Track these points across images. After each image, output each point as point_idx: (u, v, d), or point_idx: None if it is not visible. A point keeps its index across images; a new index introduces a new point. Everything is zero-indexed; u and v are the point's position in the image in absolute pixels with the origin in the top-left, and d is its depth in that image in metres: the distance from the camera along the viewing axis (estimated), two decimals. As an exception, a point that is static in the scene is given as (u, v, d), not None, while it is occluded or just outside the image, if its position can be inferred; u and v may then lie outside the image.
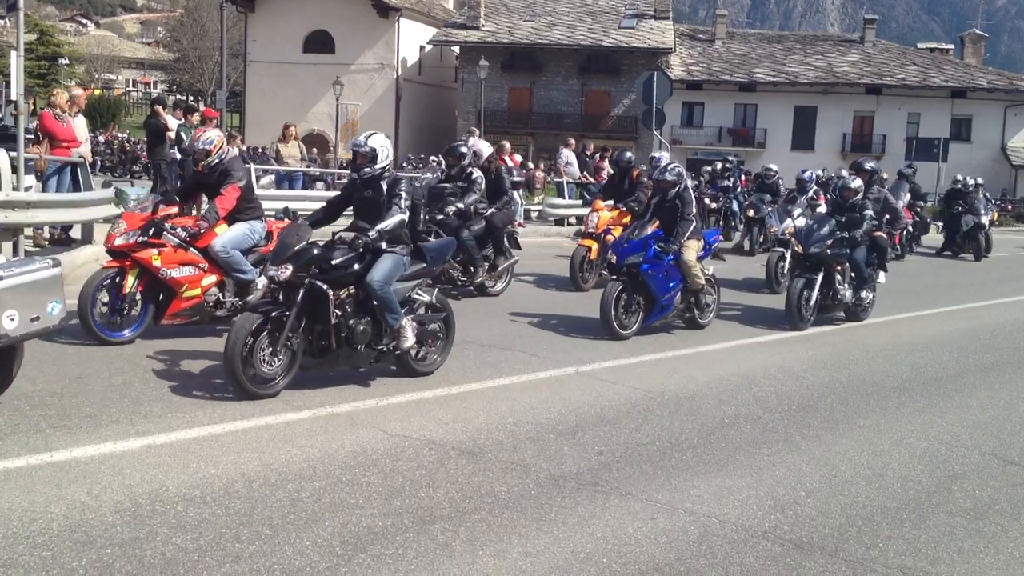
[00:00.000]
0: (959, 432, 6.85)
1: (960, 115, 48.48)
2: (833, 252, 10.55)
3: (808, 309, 10.47)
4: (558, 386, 7.38)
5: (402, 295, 6.97)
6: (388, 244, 6.77)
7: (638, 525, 4.68)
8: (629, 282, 9.30)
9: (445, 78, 53.87)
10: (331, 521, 4.46)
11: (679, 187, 9.83)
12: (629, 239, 9.47)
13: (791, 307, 10.33)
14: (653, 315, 9.48)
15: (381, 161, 6.93)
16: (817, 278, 10.51)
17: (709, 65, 50.68)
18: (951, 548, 4.70)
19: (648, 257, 9.29)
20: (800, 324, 10.40)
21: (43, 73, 61.81)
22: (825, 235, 10.52)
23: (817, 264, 10.56)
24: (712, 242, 10.72)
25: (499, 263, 11.58)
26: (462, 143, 12.22)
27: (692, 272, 9.59)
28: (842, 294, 10.77)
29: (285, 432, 5.72)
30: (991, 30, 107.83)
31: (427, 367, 7.32)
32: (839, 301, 10.83)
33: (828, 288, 10.68)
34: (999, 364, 9.57)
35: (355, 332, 6.59)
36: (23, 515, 4.28)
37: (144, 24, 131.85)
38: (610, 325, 9.13)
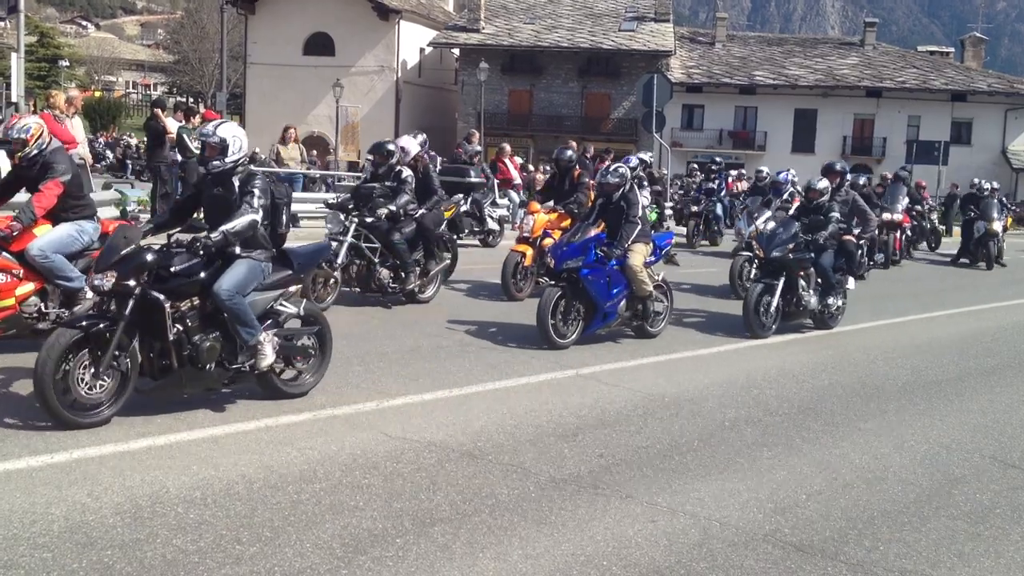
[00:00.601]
0: (960, 435, 6.85)
1: (960, 118, 48.48)
2: (795, 257, 10.09)
3: (768, 316, 10.00)
4: (558, 389, 7.38)
5: (262, 306, 6.21)
6: (243, 248, 6.03)
7: (638, 528, 4.67)
8: (569, 288, 8.74)
9: (445, 80, 53.86)
10: (331, 523, 4.46)
11: (624, 188, 9.32)
12: (569, 242, 8.95)
13: (748, 313, 9.88)
14: (595, 323, 8.94)
15: (233, 153, 6.10)
16: (778, 284, 10.04)
17: (709, 68, 50.69)
18: (951, 551, 4.70)
19: (588, 261, 8.77)
20: (760, 331, 9.92)
21: (43, 75, 61.83)
22: (786, 239, 10.09)
23: (779, 269, 10.11)
24: (663, 246, 10.16)
25: (430, 267, 10.74)
26: (389, 141, 11.41)
27: (638, 278, 9.07)
28: (806, 300, 10.27)
29: (285, 434, 5.72)
30: (991, 33, 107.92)
31: (298, 388, 6.50)
32: (803, 308, 10.32)
33: (791, 294, 10.20)
34: (1000, 367, 9.57)
35: (200, 349, 5.80)
36: (24, 516, 4.28)
37: (144, 26, 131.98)
38: (547, 333, 8.59)
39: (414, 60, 52.26)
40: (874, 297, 13.74)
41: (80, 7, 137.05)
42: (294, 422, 5.97)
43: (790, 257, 10.05)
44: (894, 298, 13.30)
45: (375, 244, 10.16)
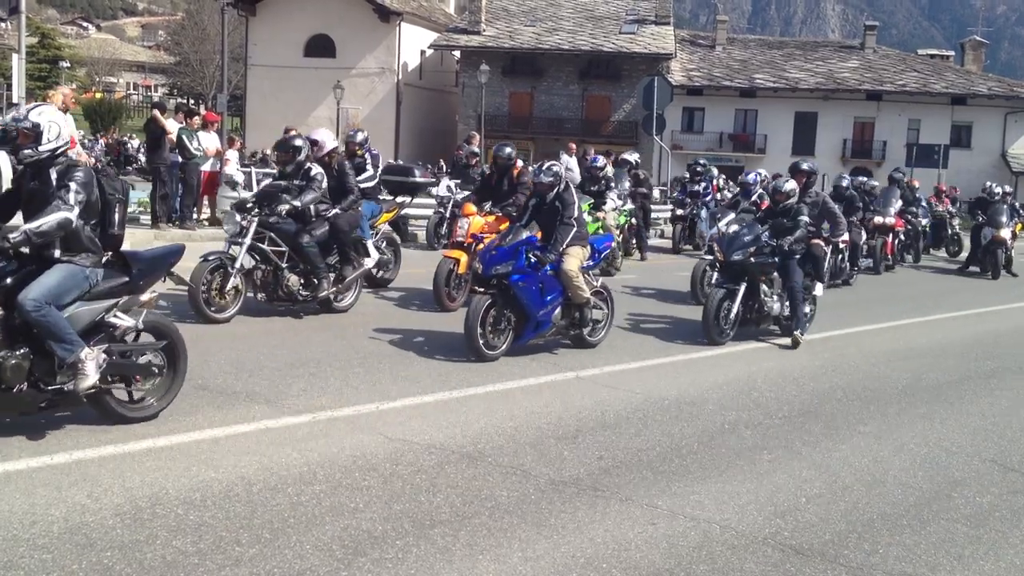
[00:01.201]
0: (960, 438, 6.85)
1: (960, 122, 48.53)
2: (758, 261, 9.62)
3: (728, 322, 9.57)
4: (558, 391, 7.38)
5: (89, 318, 5.45)
6: (65, 252, 5.33)
7: (638, 530, 4.67)
8: (499, 296, 8.15)
9: (446, 83, 53.90)
10: (331, 525, 4.46)
11: (558, 188, 8.65)
12: (499, 246, 8.32)
13: (707, 319, 9.43)
14: (526, 333, 8.35)
15: (48, 141, 5.37)
16: (739, 289, 9.59)
17: (710, 71, 50.73)
18: (951, 554, 4.70)
19: (519, 267, 8.16)
20: (718, 339, 9.51)
21: (44, 76, 61.84)
22: (748, 242, 9.64)
23: (740, 273, 9.64)
24: (602, 249, 9.47)
25: (346, 273, 9.80)
26: (297, 135, 10.50)
27: (573, 284, 8.46)
28: (769, 307, 9.80)
29: (285, 436, 5.72)
30: (991, 37, 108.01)
31: (141, 412, 5.76)
32: (766, 314, 9.87)
33: (753, 300, 9.76)
34: (999, 371, 9.57)
35: (2, 368, 5.06)
36: (23, 517, 4.28)
37: (145, 27, 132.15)
38: (475, 345, 7.98)
39: (415, 62, 52.32)
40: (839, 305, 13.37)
41: (81, 8, 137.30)
42: (294, 424, 5.97)
43: (751, 261, 9.60)
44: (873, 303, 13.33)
45: (282, 247, 9.27)
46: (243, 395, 6.47)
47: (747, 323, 9.84)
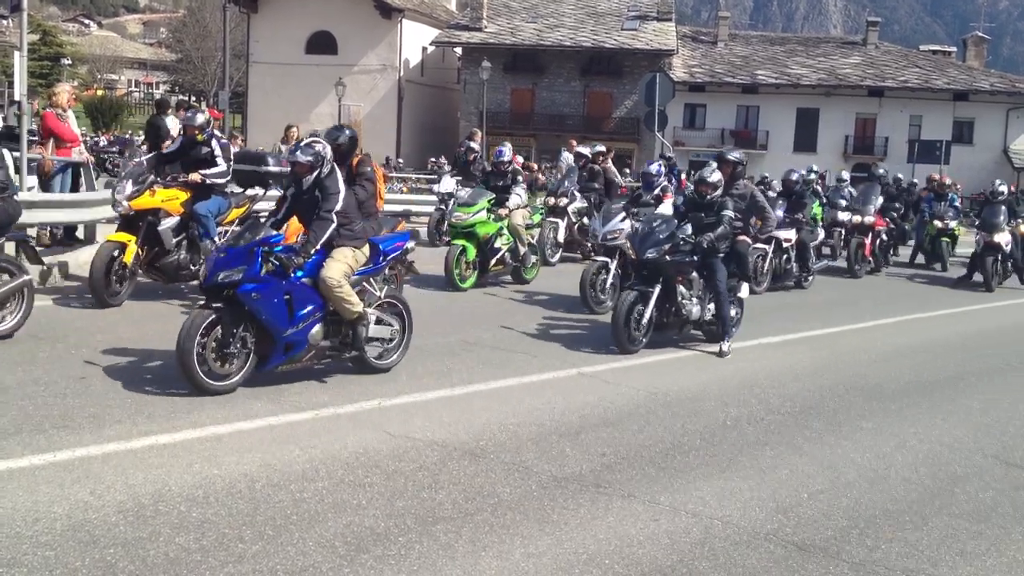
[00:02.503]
0: (962, 434, 6.85)
1: (962, 118, 48.45)
2: (674, 259, 8.74)
3: (640, 328, 8.67)
4: (561, 387, 7.38)
5: None
6: None
7: (640, 527, 4.68)
8: (226, 309, 6.40)
9: (447, 79, 53.87)
10: (334, 522, 4.46)
11: (319, 172, 6.90)
12: (229, 247, 6.59)
13: (618, 325, 8.51)
14: (274, 357, 6.61)
15: None
16: (653, 291, 8.68)
17: (711, 67, 50.66)
18: (953, 550, 4.70)
19: (252, 273, 6.41)
20: (628, 346, 8.59)
21: (46, 73, 61.83)
22: (663, 239, 8.74)
23: (655, 273, 8.76)
24: (390, 251, 7.63)
25: None
26: None
27: (335, 294, 6.73)
28: (688, 310, 8.89)
29: (288, 432, 5.73)
30: (993, 32, 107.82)
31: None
32: (684, 319, 8.99)
33: (669, 303, 8.86)
34: (1001, 367, 9.56)
35: None
36: (26, 515, 4.29)
37: (147, 24, 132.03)
38: (189, 372, 6.22)
39: (416, 59, 52.31)
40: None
41: (82, 5, 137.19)
42: (296, 420, 5.98)
43: (667, 259, 8.71)
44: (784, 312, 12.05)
45: None
46: (245, 392, 6.46)
47: (664, 328, 9.01)
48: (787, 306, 12.83)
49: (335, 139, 8.34)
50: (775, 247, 13.82)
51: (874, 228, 17.05)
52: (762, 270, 13.66)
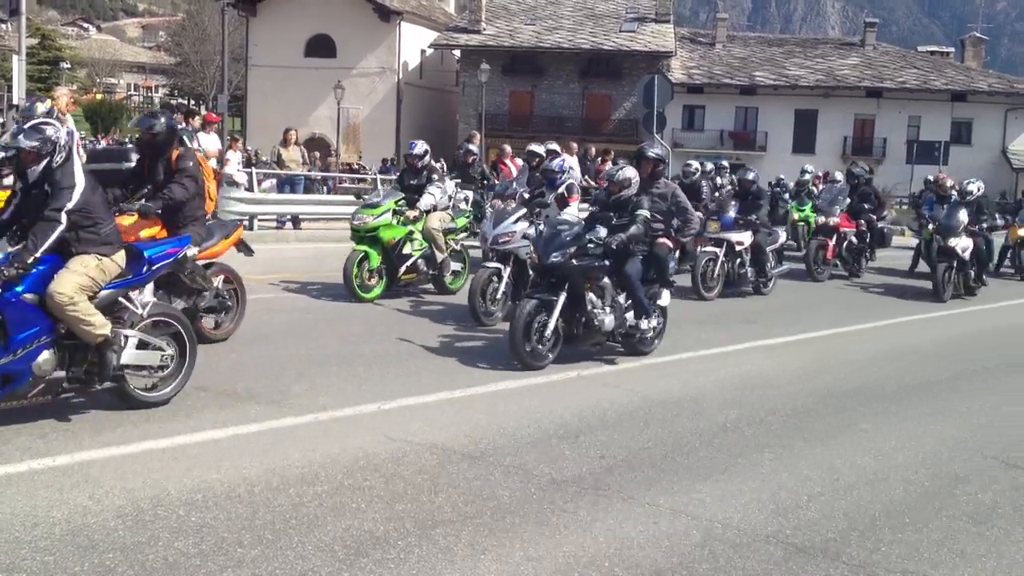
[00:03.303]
0: (962, 435, 6.84)
1: (961, 118, 48.49)
2: (582, 263, 7.85)
3: (545, 341, 7.78)
4: (560, 390, 7.38)
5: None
6: None
7: (640, 529, 4.67)
8: None
9: (446, 82, 53.90)
10: (333, 525, 4.46)
11: (52, 159, 5.55)
12: None
13: (515, 338, 7.60)
14: None
15: None
16: (557, 299, 7.78)
17: (710, 68, 50.70)
18: (953, 551, 4.70)
19: None
20: (531, 361, 7.70)
21: (44, 77, 61.86)
22: (568, 241, 7.88)
23: (560, 280, 7.90)
24: (157, 259, 6.23)
25: None
26: None
27: (67, 314, 5.45)
28: (600, 320, 7.97)
29: (287, 436, 5.72)
30: (991, 33, 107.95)
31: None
32: (596, 329, 8.05)
33: (578, 312, 7.96)
34: (1002, 367, 9.56)
35: None
36: (25, 519, 4.28)
37: (146, 28, 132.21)
38: None
39: (415, 61, 52.34)
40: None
41: (81, 9, 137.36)
42: (295, 424, 5.97)
43: (573, 264, 7.82)
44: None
45: None
46: (244, 396, 6.47)
47: (575, 341, 8.16)
48: (725, 314, 11.61)
49: (149, 127, 7.65)
50: (727, 251, 13.02)
51: (838, 230, 15.88)
52: (712, 275, 12.86)
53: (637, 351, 8.59)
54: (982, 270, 15.11)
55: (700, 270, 12.67)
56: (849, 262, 16.37)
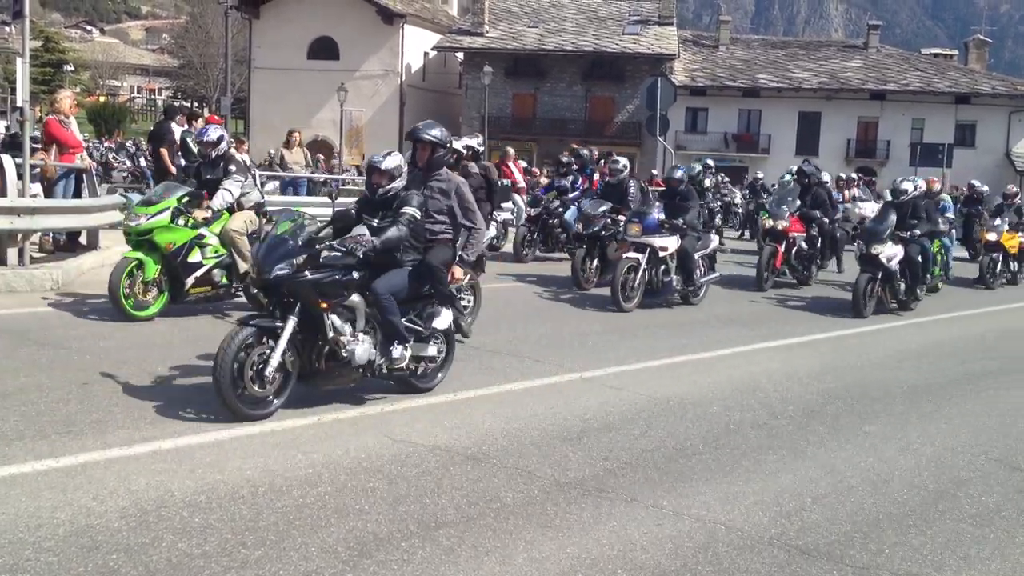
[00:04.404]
0: (965, 438, 6.83)
1: (964, 121, 48.48)
2: (316, 277, 6.08)
3: (268, 382, 5.99)
4: (563, 392, 7.38)
5: None
6: None
7: (643, 531, 4.67)
8: None
9: (449, 84, 53.96)
10: (336, 527, 4.46)
11: None
12: None
13: (220, 379, 5.79)
14: None
15: None
16: (285, 325, 6.00)
17: (713, 71, 50.71)
18: (957, 554, 4.69)
19: None
20: (245, 409, 5.92)
21: (48, 79, 62.02)
22: (296, 248, 6.10)
23: (291, 300, 6.10)
24: None
25: None
26: None
27: None
28: (349, 350, 6.26)
29: (290, 438, 5.72)
30: (995, 36, 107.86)
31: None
32: (345, 362, 6.31)
33: (322, 340, 6.23)
34: (1005, 370, 9.55)
35: None
36: (29, 520, 4.29)
37: (149, 31, 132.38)
38: None
39: (418, 64, 52.40)
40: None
41: (85, 12, 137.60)
42: (299, 426, 5.98)
43: (302, 278, 6.03)
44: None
45: None
46: (248, 397, 6.45)
47: (314, 378, 6.39)
48: (626, 328, 10.34)
49: None
50: (650, 257, 11.63)
51: (788, 234, 14.53)
52: (633, 284, 11.53)
53: (412, 387, 6.90)
54: (916, 282, 12.92)
55: (620, 278, 11.41)
56: (798, 270, 14.95)
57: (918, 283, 12.97)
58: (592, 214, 13.16)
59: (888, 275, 12.46)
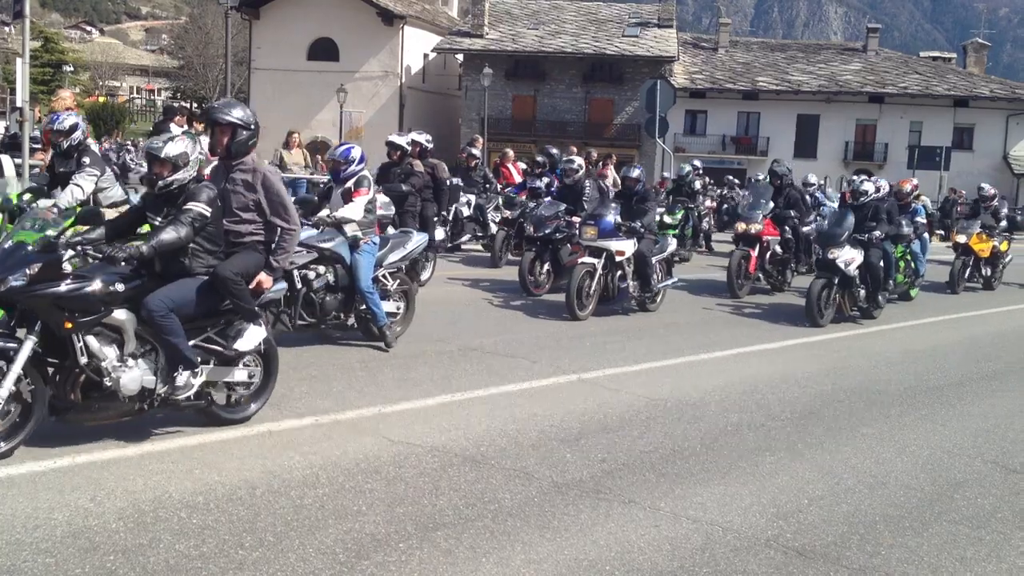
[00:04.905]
0: (962, 440, 6.85)
1: (962, 124, 48.50)
2: (56, 291, 5.04)
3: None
4: (561, 393, 7.38)
5: None
6: None
7: (641, 533, 4.68)
8: None
9: (449, 86, 53.95)
10: (334, 528, 4.46)
11: None
12: None
13: None
14: None
15: None
16: (20, 348, 5.00)
17: (712, 73, 50.72)
18: (953, 556, 4.70)
19: None
20: None
21: (48, 80, 61.94)
22: (31, 256, 5.03)
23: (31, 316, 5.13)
24: None
25: None
26: None
27: None
28: (114, 378, 5.23)
29: (288, 439, 5.73)
30: (993, 39, 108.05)
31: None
32: (107, 393, 5.28)
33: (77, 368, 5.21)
34: (1001, 372, 9.56)
35: None
36: (26, 521, 4.29)
37: (149, 31, 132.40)
38: None
39: (418, 65, 52.38)
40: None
41: (84, 12, 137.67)
42: (297, 427, 5.98)
43: (31, 292, 5.01)
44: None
45: None
46: (246, 398, 6.46)
47: (74, 413, 5.33)
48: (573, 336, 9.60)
49: None
50: (606, 262, 10.86)
51: (761, 238, 13.70)
52: (588, 291, 10.72)
53: (219, 420, 5.89)
54: (877, 288, 12.08)
55: (575, 285, 10.57)
56: (773, 275, 14.19)
57: (879, 289, 12.15)
58: (545, 215, 12.38)
59: (846, 281, 11.60)
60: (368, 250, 8.33)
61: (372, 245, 8.42)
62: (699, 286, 14.28)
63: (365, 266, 8.23)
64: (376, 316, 8.32)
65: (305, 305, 8.04)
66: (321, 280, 8.13)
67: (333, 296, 8.23)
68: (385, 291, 8.67)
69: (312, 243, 8.04)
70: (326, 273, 8.18)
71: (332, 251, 8.17)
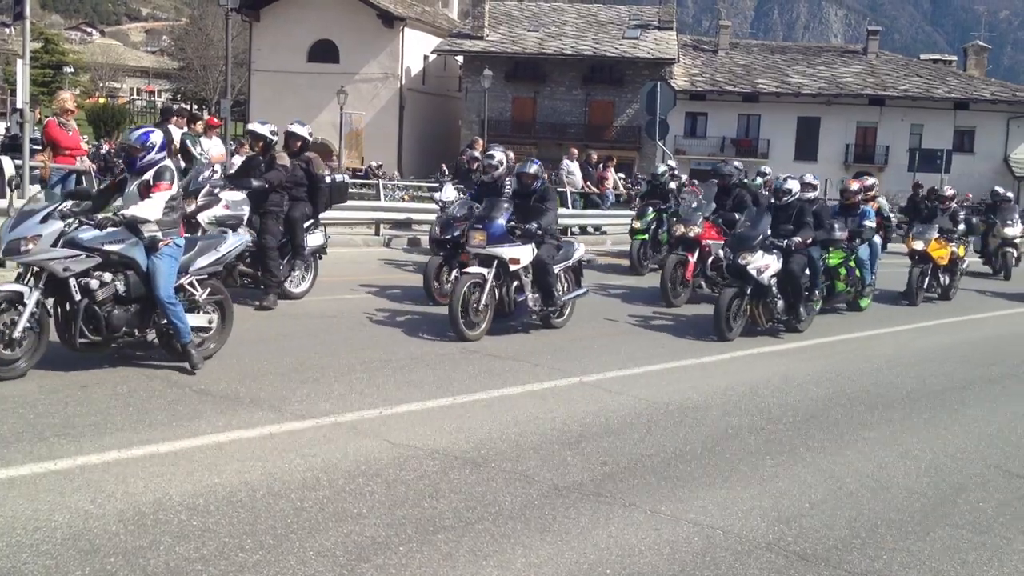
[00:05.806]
0: (964, 444, 6.84)
1: (963, 126, 48.55)
2: None
3: None
4: (562, 396, 7.37)
5: None
6: None
7: (642, 536, 4.67)
8: None
9: (449, 88, 53.99)
10: (334, 531, 4.45)
11: None
12: None
13: None
14: None
15: None
16: None
17: (712, 75, 50.76)
18: (955, 561, 4.69)
19: None
20: None
21: (48, 81, 62.04)
22: None
23: None
24: None
25: None
26: None
27: None
28: None
29: (289, 441, 5.72)
30: (994, 42, 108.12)
31: None
32: None
33: None
34: (1004, 376, 9.55)
35: None
36: (27, 523, 4.28)
37: (149, 33, 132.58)
38: None
39: (418, 67, 52.42)
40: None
41: (85, 14, 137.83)
42: (297, 429, 5.97)
43: None
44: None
45: None
46: (246, 400, 6.47)
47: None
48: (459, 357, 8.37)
49: None
50: (498, 271, 9.31)
51: (700, 242, 12.76)
52: (477, 306, 9.15)
53: None
54: (799, 299, 10.75)
55: (459, 299, 8.98)
56: (717, 282, 12.62)
57: (800, 300, 10.75)
58: (455, 216, 11.18)
59: (760, 290, 10.28)
60: (169, 253, 7.09)
61: (175, 248, 7.19)
62: (637, 294, 13.22)
63: (166, 272, 7.02)
64: (179, 331, 7.10)
65: (88, 319, 6.77)
66: (107, 290, 6.83)
67: (123, 309, 6.92)
68: (193, 302, 7.46)
69: (95, 245, 6.74)
70: (113, 281, 6.89)
71: (120, 254, 6.89)
